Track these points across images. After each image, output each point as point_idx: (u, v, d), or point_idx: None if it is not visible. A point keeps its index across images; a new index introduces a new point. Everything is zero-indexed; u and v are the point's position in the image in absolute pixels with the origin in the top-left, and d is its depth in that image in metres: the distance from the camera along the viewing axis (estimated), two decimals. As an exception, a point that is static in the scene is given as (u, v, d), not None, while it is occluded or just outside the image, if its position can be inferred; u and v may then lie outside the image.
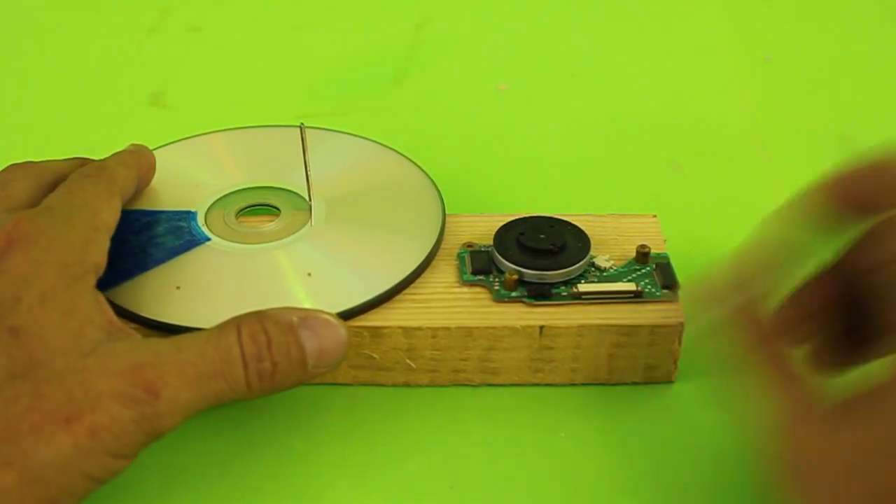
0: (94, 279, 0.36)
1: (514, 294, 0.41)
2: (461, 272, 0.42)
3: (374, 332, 0.40)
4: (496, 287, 0.41)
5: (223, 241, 0.42)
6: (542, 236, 0.42)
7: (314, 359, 0.36)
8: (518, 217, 0.44)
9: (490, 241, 0.43)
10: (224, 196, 0.45)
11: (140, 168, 0.43)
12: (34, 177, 0.40)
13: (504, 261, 0.42)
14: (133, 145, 0.44)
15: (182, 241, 0.42)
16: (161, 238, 0.42)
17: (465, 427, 0.40)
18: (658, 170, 0.54)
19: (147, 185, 0.44)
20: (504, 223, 0.43)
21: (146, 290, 0.40)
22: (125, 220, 0.41)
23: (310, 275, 0.41)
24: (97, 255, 0.37)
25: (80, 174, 0.40)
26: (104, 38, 0.64)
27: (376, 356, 0.41)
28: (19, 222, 0.36)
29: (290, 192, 0.45)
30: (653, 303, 0.41)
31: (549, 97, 0.60)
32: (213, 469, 0.38)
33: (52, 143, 0.51)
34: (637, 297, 0.41)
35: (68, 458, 0.32)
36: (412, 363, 0.41)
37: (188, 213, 0.44)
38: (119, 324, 0.35)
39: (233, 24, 0.66)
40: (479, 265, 0.42)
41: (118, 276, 0.40)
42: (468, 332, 0.40)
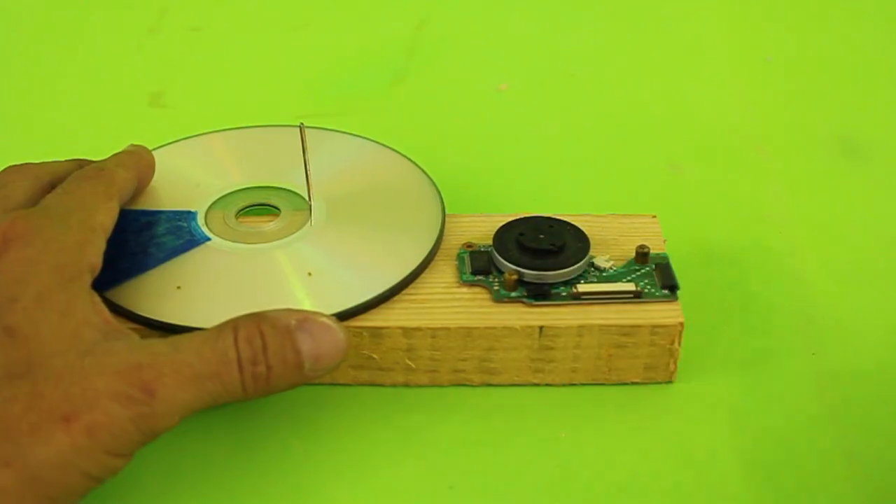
0: (89, 280, 0.36)
1: (513, 294, 0.41)
2: (461, 272, 0.42)
3: (374, 332, 0.40)
4: (496, 287, 0.41)
5: (223, 241, 0.42)
6: (542, 236, 0.42)
7: (311, 362, 0.36)
8: (518, 217, 0.44)
9: (490, 242, 0.43)
10: (224, 196, 0.45)
11: (139, 169, 0.43)
12: (32, 178, 0.40)
13: (504, 261, 0.41)
14: (132, 146, 0.44)
15: (182, 240, 0.42)
16: (161, 238, 0.42)
17: (465, 427, 0.40)
18: (657, 170, 0.54)
19: (146, 186, 0.44)
20: (504, 223, 0.43)
21: (146, 290, 0.40)
22: (125, 219, 0.42)
23: (310, 275, 0.41)
24: (93, 256, 0.37)
25: (79, 175, 0.40)
26: (104, 38, 0.64)
27: (376, 356, 0.41)
28: (15, 222, 0.36)
29: (289, 191, 0.45)
30: (652, 303, 0.41)
31: (548, 97, 0.59)
32: (213, 469, 0.38)
33: (51, 144, 0.51)
34: (637, 298, 0.41)
35: (66, 456, 0.32)
36: (412, 363, 0.41)
37: (188, 213, 0.44)
38: (115, 324, 0.35)
39: (233, 24, 0.66)
40: (478, 265, 0.42)
41: (118, 276, 0.40)
42: (468, 332, 0.40)
